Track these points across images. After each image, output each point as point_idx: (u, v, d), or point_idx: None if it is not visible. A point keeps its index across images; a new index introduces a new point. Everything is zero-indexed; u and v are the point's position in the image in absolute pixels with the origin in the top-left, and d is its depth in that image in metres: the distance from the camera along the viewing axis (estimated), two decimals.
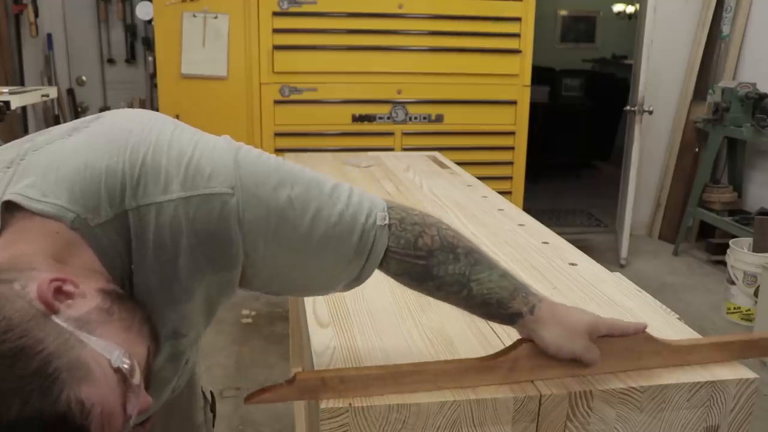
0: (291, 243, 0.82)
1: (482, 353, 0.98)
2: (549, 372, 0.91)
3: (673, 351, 0.96)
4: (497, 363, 0.90)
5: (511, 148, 3.74)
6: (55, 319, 0.67)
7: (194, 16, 3.31)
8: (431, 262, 0.88)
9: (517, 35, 3.61)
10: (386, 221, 0.88)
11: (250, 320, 3.28)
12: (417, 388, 0.87)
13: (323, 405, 0.84)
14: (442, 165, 2.44)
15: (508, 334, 1.05)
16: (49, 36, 4.14)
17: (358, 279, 0.90)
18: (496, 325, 1.08)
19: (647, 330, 0.95)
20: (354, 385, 0.86)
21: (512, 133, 3.73)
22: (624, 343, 0.93)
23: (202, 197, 0.77)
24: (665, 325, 1.10)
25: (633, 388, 0.90)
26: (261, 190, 0.80)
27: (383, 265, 0.90)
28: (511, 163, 3.76)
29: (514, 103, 3.69)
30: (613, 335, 0.93)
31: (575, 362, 0.91)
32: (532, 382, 0.90)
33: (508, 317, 0.90)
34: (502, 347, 0.98)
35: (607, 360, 0.92)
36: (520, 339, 0.92)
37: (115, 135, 0.81)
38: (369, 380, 0.86)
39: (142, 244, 0.77)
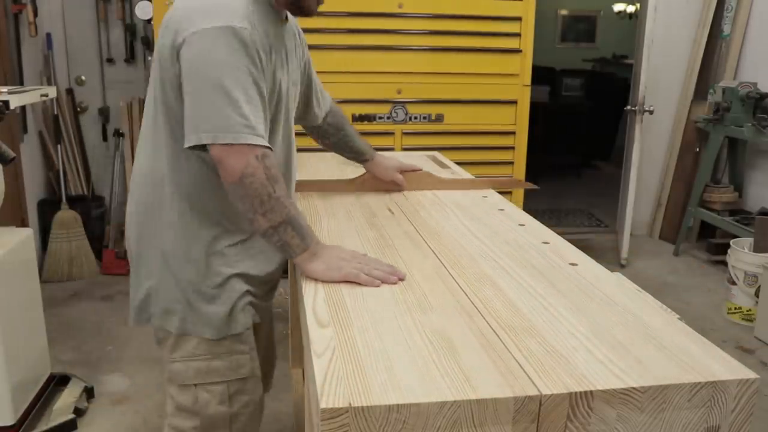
0: None
1: (482, 353, 0.98)
2: (382, 186, 1.97)
3: (441, 181, 2.04)
4: (352, 182, 1.98)
5: (512, 148, 3.74)
6: None
7: None
8: (343, 122, 1.89)
9: (517, 35, 3.61)
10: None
11: None
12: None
13: (323, 405, 0.84)
14: (442, 165, 2.44)
15: (507, 333, 1.05)
16: (49, 36, 4.13)
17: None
18: (494, 325, 1.08)
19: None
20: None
21: (512, 133, 3.73)
22: (416, 176, 2.01)
23: None
24: (665, 325, 1.10)
25: (633, 388, 0.90)
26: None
27: (324, 118, 1.83)
28: (511, 163, 3.76)
29: (514, 102, 3.69)
30: (408, 170, 2.00)
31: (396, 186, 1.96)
32: (533, 382, 0.90)
33: (362, 160, 1.95)
34: (504, 349, 1.00)
35: (408, 183, 1.98)
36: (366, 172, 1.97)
37: None
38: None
39: None
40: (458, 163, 2.46)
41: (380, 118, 3.57)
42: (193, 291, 1.39)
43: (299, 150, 1.68)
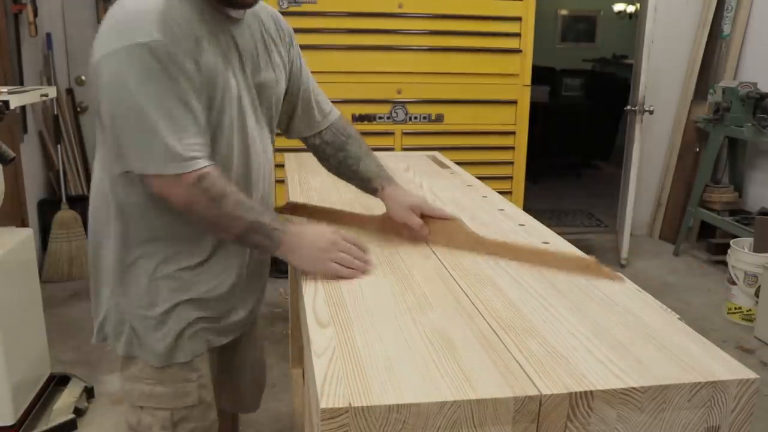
0: None
1: (482, 353, 0.98)
2: (399, 234, 1.51)
3: (478, 242, 1.43)
4: (373, 220, 1.57)
5: (512, 148, 3.74)
6: None
7: None
8: (348, 141, 1.58)
9: (517, 35, 3.61)
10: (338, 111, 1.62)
11: None
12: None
13: (323, 405, 0.84)
14: (442, 165, 2.43)
15: (508, 334, 1.05)
16: (49, 35, 4.13)
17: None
18: (495, 325, 1.08)
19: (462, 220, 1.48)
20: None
21: (512, 133, 3.73)
22: (442, 225, 1.47)
23: None
24: (665, 325, 1.10)
25: (633, 388, 0.90)
26: None
27: (320, 134, 1.57)
28: (511, 163, 3.76)
29: (514, 102, 3.69)
30: (433, 216, 1.48)
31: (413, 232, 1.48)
32: (533, 382, 0.90)
33: (371, 190, 1.55)
34: (504, 349, 1.00)
35: (433, 235, 1.48)
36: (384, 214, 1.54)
37: None
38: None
39: None
40: (458, 164, 2.46)
41: (380, 118, 3.57)
42: (136, 317, 1.34)
43: (296, 150, 1.67)
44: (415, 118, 3.63)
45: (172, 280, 1.31)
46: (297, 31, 1.59)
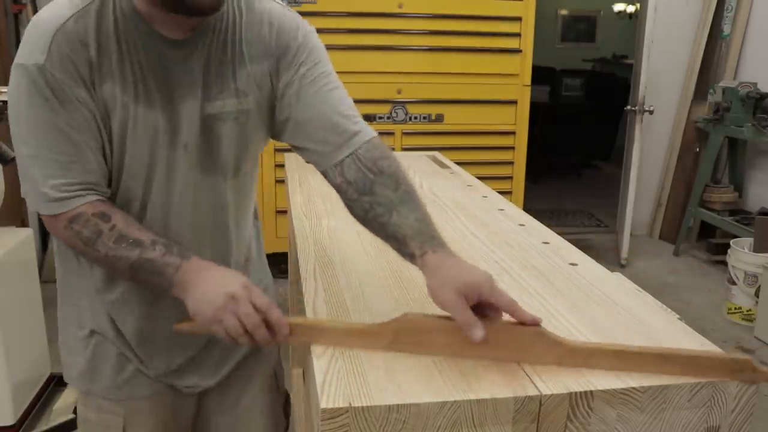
0: None
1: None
2: (428, 349, 0.95)
3: (571, 351, 0.93)
4: (380, 330, 0.97)
5: (512, 148, 3.74)
6: None
7: None
8: (378, 180, 1.08)
9: (517, 35, 3.61)
10: (374, 133, 1.14)
11: None
12: (311, 341, 1.00)
13: (323, 405, 0.84)
14: (442, 165, 2.43)
15: None
16: None
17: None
18: None
19: (541, 325, 0.94)
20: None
21: (512, 133, 3.73)
22: (510, 334, 0.93)
23: None
24: (665, 325, 1.09)
25: (634, 388, 0.90)
26: None
27: (341, 167, 1.10)
28: (511, 163, 3.76)
29: (514, 102, 3.69)
30: (497, 306, 0.94)
31: (458, 344, 0.93)
32: (533, 382, 0.90)
33: (408, 255, 1.03)
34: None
35: (492, 346, 0.93)
36: (406, 313, 0.98)
37: None
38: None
39: None
40: (458, 164, 2.45)
41: (380, 118, 3.58)
42: (63, 331, 1.31)
43: None
44: (415, 118, 3.63)
45: (101, 307, 1.25)
46: None
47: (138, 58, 1.06)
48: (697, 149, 4.77)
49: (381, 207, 1.06)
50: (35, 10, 3.94)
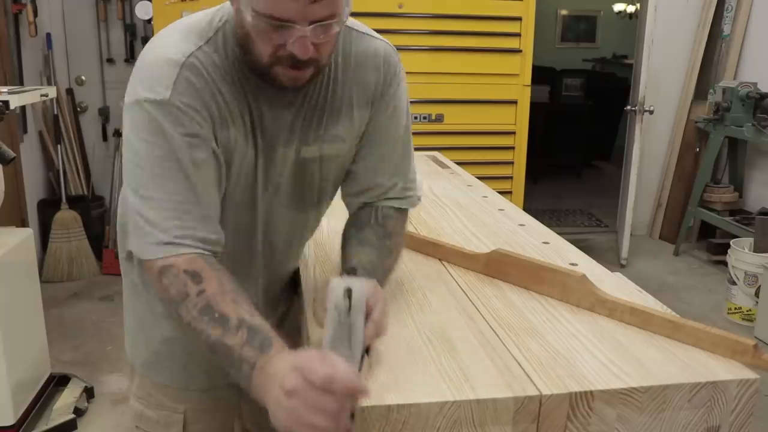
0: None
1: (482, 353, 0.98)
2: (505, 277, 1.28)
3: (600, 301, 1.13)
4: (477, 257, 1.33)
5: (512, 148, 3.74)
6: None
7: None
8: (374, 229, 1.17)
9: (517, 35, 3.61)
10: (409, 206, 1.24)
11: None
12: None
13: None
14: (442, 165, 2.43)
15: (507, 333, 1.04)
16: (48, 36, 4.13)
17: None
18: (495, 325, 1.08)
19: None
20: None
21: (512, 133, 3.73)
22: (557, 277, 1.20)
23: None
24: None
25: (634, 388, 0.90)
26: None
27: (393, 216, 1.19)
28: (511, 163, 3.75)
29: (514, 102, 3.69)
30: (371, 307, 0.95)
31: (525, 279, 1.24)
32: (533, 382, 0.90)
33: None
34: (504, 349, 1.00)
35: (543, 284, 1.21)
36: (497, 249, 1.34)
37: None
38: None
39: None
40: (458, 164, 2.45)
41: None
42: (134, 317, 1.28)
43: None
44: (415, 118, 3.62)
45: None
46: None
47: (247, 99, 1.04)
48: (697, 149, 4.77)
49: (355, 239, 1.15)
50: (35, 10, 3.94)
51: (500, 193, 2.06)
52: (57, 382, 2.69)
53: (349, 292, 0.92)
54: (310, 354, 0.82)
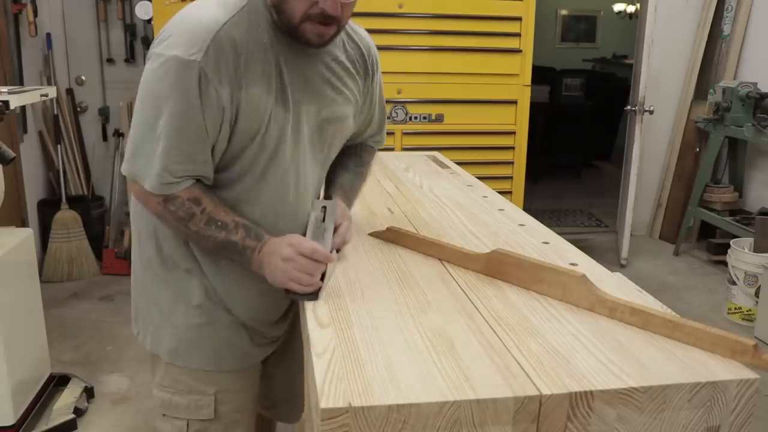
0: None
1: (482, 353, 0.98)
2: (505, 277, 1.28)
3: (600, 301, 1.14)
4: (477, 257, 1.34)
5: (512, 148, 3.74)
6: None
7: None
8: (352, 157, 1.57)
9: (517, 35, 3.61)
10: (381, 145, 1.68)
11: None
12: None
13: (323, 405, 0.84)
14: (442, 165, 2.44)
15: (507, 333, 1.04)
16: (49, 36, 4.13)
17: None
18: (495, 325, 1.08)
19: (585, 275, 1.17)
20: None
21: (512, 133, 3.73)
22: (558, 277, 1.22)
23: None
24: None
25: (634, 388, 0.90)
26: None
27: (368, 150, 1.63)
28: (511, 163, 3.75)
29: (514, 102, 3.69)
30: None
31: (526, 279, 1.26)
32: (533, 382, 0.90)
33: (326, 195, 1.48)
34: (504, 349, 1.00)
35: (544, 284, 1.22)
36: (497, 249, 1.37)
37: None
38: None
39: None
40: (458, 164, 2.46)
41: None
42: (157, 305, 1.36)
43: None
44: (415, 118, 3.63)
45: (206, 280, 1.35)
46: None
47: (278, 61, 1.22)
48: (697, 149, 4.76)
49: (338, 165, 1.50)
50: (35, 10, 3.94)
51: (500, 193, 2.06)
52: (57, 382, 2.69)
53: (324, 208, 1.31)
54: (298, 236, 1.24)
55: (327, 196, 1.45)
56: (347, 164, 1.53)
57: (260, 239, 1.22)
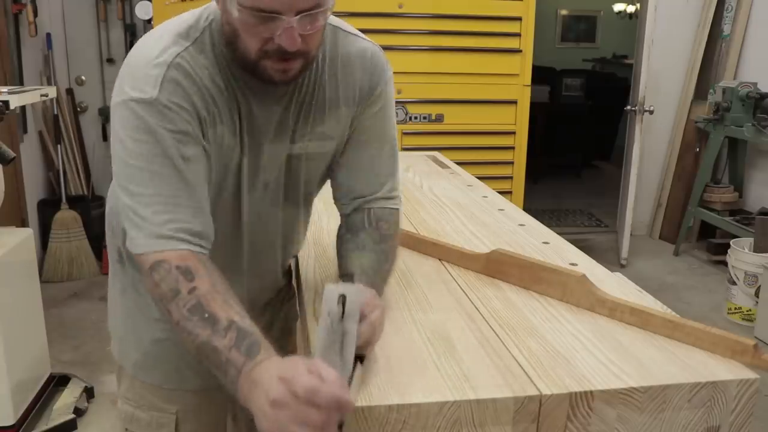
0: None
1: (482, 353, 0.98)
2: (506, 277, 1.28)
3: (600, 301, 1.13)
4: (477, 257, 1.34)
5: (512, 148, 3.74)
6: None
7: None
8: (369, 231, 1.16)
9: (517, 35, 3.61)
10: (398, 207, 1.23)
11: None
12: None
13: None
14: (442, 165, 2.44)
15: (507, 333, 1.04)
16: (49, 36, 4.13)
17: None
18: (495, 325, 1.08)
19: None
20: None
21: (512, 133, 3.72)
22: (559, 277, 1.20)
23: None
24: None
25: (634, 388, 0.90)
26: None
27: (385, 218, 1.18)
28: (511, 163, 3.75)
29: (514, 102, 3.69)
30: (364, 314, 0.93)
31: (526, 279, 1.24)
32: (533, 382, 0.90)
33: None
34: (504, 349, 1.00)
35: (543, 284, 1.22)
36: (497, 249, 1.26)
37: None
38: None
39: None
40: (458, 164, 2.46)
41: None
42: (122, 318, 1.26)
43: None
44: (415, 118, 3.62)
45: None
46: None
47: (236, 97, 1.05)
48: (697, 149, 4.76)
49: (352, 244, 1.15)
50: (35, 10, 3.94)
51: (500, 193, 2.06)
52: (57, 382, 2.69)
53: (343, 299, 0.88)
54: (296, 363, 0.80)
55: (345, 277, 1.07)
56: (364, 244, 1.15)
57: (252, 356, 0.85)
